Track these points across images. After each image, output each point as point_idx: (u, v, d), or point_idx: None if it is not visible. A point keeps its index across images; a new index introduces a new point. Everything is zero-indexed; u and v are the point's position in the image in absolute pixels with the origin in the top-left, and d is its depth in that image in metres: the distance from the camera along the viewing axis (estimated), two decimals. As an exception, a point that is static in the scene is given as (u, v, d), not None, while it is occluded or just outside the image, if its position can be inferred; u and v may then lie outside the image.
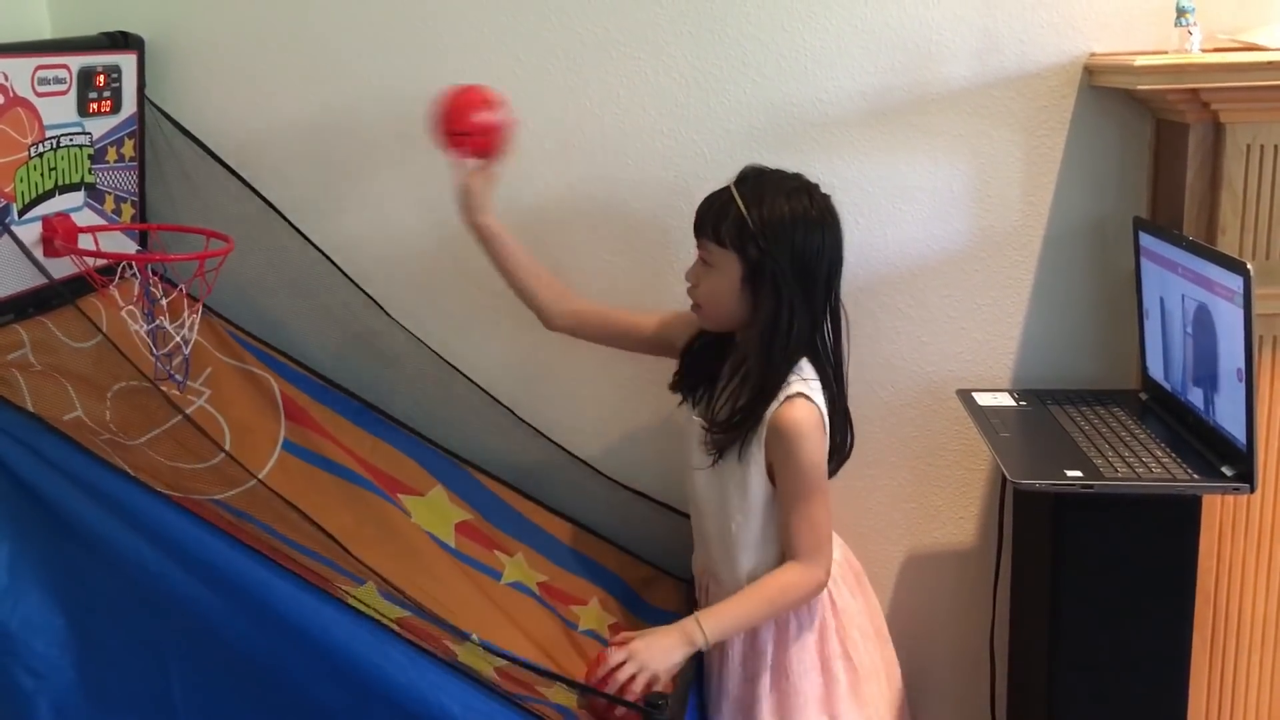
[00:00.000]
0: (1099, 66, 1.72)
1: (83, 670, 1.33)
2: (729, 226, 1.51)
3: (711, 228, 1.53)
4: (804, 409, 1.49)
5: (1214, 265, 1.46)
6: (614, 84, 1.80)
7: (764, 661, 1.56)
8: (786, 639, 1.56)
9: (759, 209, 1.50)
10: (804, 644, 1.56)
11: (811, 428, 1.50)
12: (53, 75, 1.55)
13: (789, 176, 1.55)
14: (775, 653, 1.56)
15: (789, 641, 1.56)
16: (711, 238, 1.53)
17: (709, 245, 1.54)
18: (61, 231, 1.57)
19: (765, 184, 1.53)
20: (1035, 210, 1.79)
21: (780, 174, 1.55)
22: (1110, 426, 1.62)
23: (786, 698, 1.55)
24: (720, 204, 1.53)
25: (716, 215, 1.52)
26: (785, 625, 1.56)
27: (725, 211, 1.52)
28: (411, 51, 1.81)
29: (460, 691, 1.27)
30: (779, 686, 1.56)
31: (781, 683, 1.56)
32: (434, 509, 1.71)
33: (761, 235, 1.49)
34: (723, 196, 1.54)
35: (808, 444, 1.49)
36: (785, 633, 1.56)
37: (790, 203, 1.51)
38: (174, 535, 1.29)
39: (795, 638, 1.56)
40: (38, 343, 1.47)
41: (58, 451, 1.31)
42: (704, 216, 1.55)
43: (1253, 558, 1.67)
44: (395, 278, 1.86)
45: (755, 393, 1.51)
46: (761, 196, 1.51)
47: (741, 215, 1.50)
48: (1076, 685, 1.57)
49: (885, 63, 1.76)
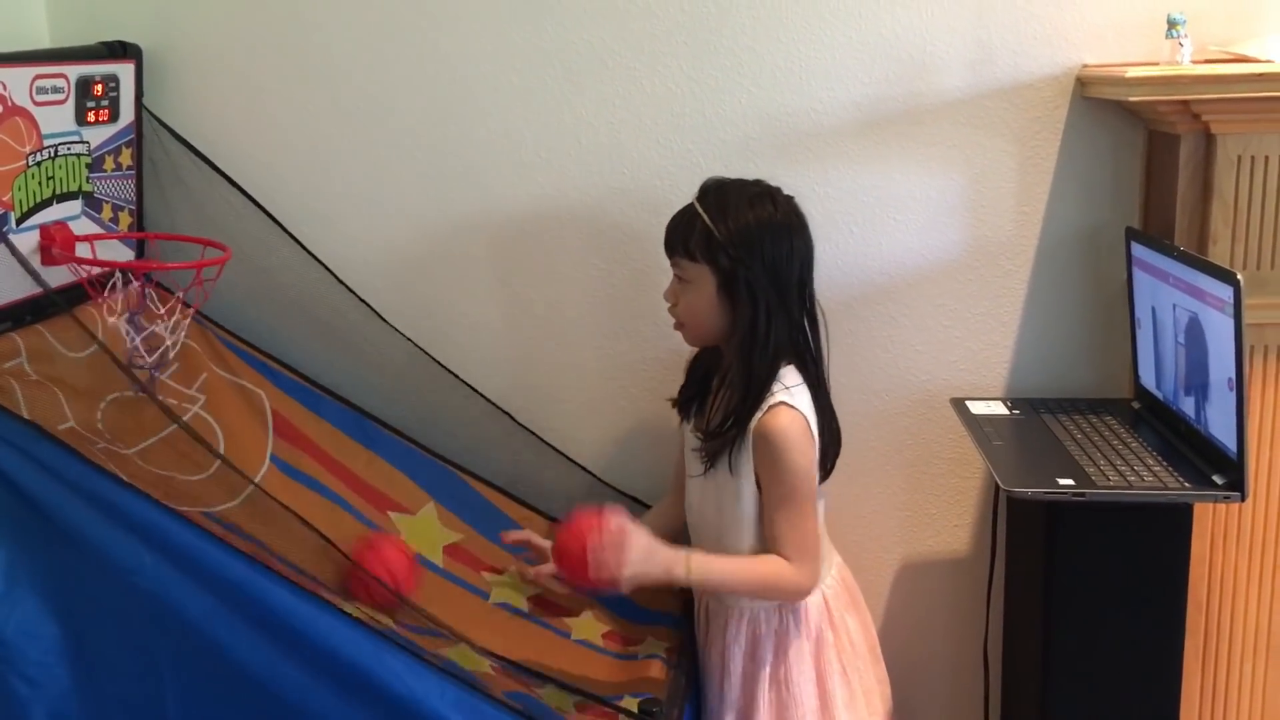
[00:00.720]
0: (1091, 78, 1.73)
1: (78, 678, 1.32)
2: (697, 240, 1.52)
3: (681, 244, 1.54)
4: (788, 416, 1.50)
5: (1205, 275, 1.47)
6: (610, 94, 1.80)
7: (764, 672, 1.57)
8: (786, 649, 1.57)
9: (724, 220, 1.51)
10: (803, 655, 1.57)
11: (796, 435, 1.50)
12: (51, 84, 1.55)
13: (750, 183, 1.56)
14: (774, 663, 1.57)
15: (788, 651, 1.57)
16: (683, 254, 1.54)
17: (681, 262, 1.55)
18: (59, 240, 1.57)
19: (728, 194, 1.54)
20: (1028, 220, 1.80)
21: (741, 182, 1.56)
22: (1103, 435, 1.63)
23: (785, 709, 1.56)
24: (686, 220, 1.55)
25: (684, 231, 1.54)
26: (785, 635, 1.57)
27: (692, 226, 1.53)
28: (409, 62, 1.82)
29: (457, 697, 1.27)
30: (778, 697, 1.57)
31: (780, 693, 1.57)
32: (424, 530, 1.71)
33: (730, 244, 1.50)
34: (687, 213, 1.55)
35: (793, 450, 1.50)
36: (785, 642, 1.57)
37: (755, 210, 1.52)
38: (171, 543, 1.29)
39: (795, 649, 1.57)
40: (34, 351, 1.47)
41: (54, 459, 1.31)
42: (672, 235, 1.56)
43: (1244, 566, 1.68)
44: (393, 286, 1.86)
45: (740, 400, 1.53)
46: (725, 207, 1.52)
47: (708, 228, 1.51)
48: (1070, 692, 1.57)
49: (879, 73, 1.77)
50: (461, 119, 1.83)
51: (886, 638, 1.75)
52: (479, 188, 1.84)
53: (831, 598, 1.60)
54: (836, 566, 1.65)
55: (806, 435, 1.52)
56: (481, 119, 1.82)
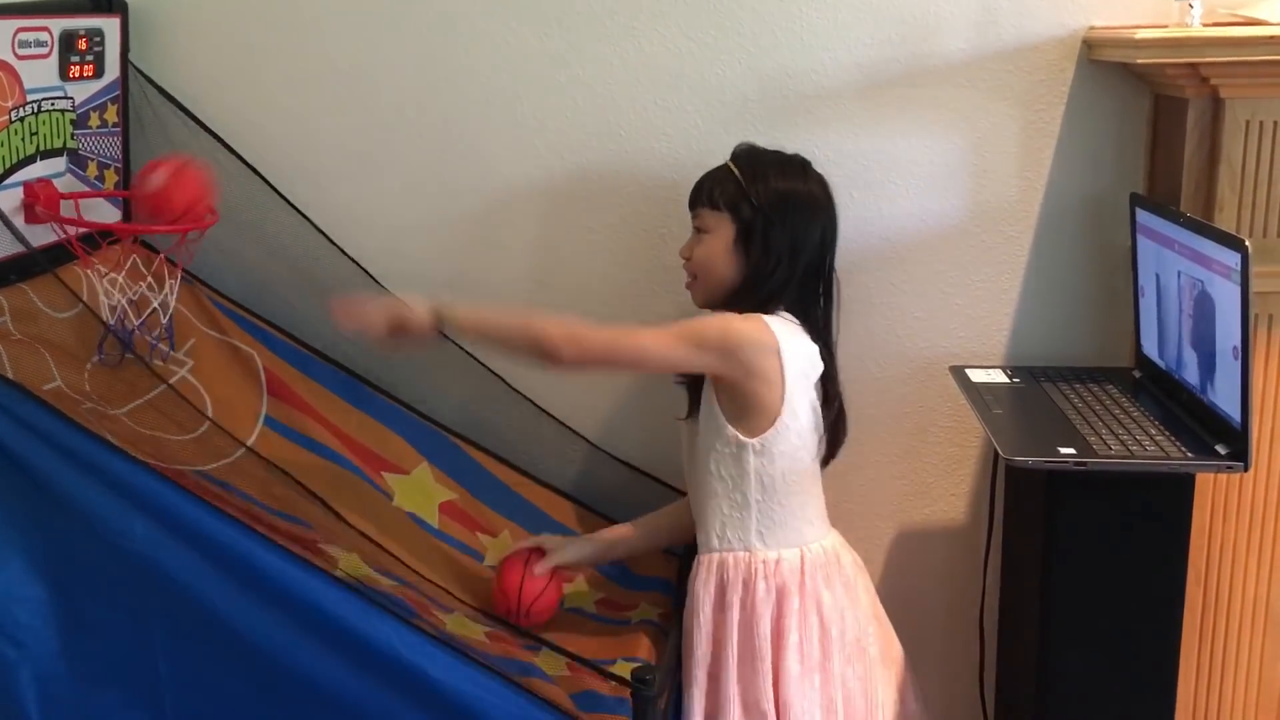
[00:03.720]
0: (1098, 40, 1.70)
1: (66, 640, 1.32)
2: (724, 190, 1.55)
3: (707, 195, 1.57)
4: (751, 318, 1.49)
5: (1211, 242, 1.45)
6: (608, 55, 1.78)
7: (731, 616, 1.51)
8: (753, 597, 1.51)
9: (756, 182, 1.54)
10: (768, 605, 1.50)
11: (740, 320, 1.49)
12: (33, 38, 1.52)
13: (785, 155, 1.59)
14: (741, 611, 1.51)
15: (755, 600, 1.51)
16: (706, 203, 1.56)
17: (703, 212, 1.57)
18: (43, 198, 1.54)
19: (762, 159, 1.57)
20: (1031, 185, 1.78)
21: (777, 153, 1.59)
22: (1104, 404, 1.62)
23: (753, 661, 1.50)
24: (717, 175, 1.58)
25: (712, 184, 1.57)
26: (752, 582, 1.51)
27: (722, 181, 1.56)
28: (404, 20, 1.78)
29: (447, 661, 1.26)
30: (746, 650, 1.51)
31: (749, 643, 1.51)
32: (418, 488, 1.70)
33: (755, 196, 1.52)
34: (720, 170, 1.58)
35: (722, 318, 1.49)
36: (751, 590, 1.51)
37: (787, 178, 1.55)
38: (159, 504, 1.28)
39: (760, 597, 1.51)
40: (18, 311, 1.45)
41: (41, 419, 1.30)
42: (699, 188, 1.59)
43: (1244, 538, 1.67)
44: (385, 247, 1.84)
45: None
46: (758, 170, 1.55)
47: (737, 179, 1.54)
48: (1066, 662, 1.56)
49: (882, 35, 1.75)
50: (455, 79, 1.80)
51: (883, 604, 1.73)
52: (473, 149, 1.82)
53: (810, 564, 1.53)
54: (832, 545, 1.58)
55: (750, 336, 1.48)
56: (476, 79, 1.79)
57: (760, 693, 1.50)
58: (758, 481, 1.52)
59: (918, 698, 1.66)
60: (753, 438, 1.51)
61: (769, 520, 1.53)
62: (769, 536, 1.54)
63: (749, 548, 1.53)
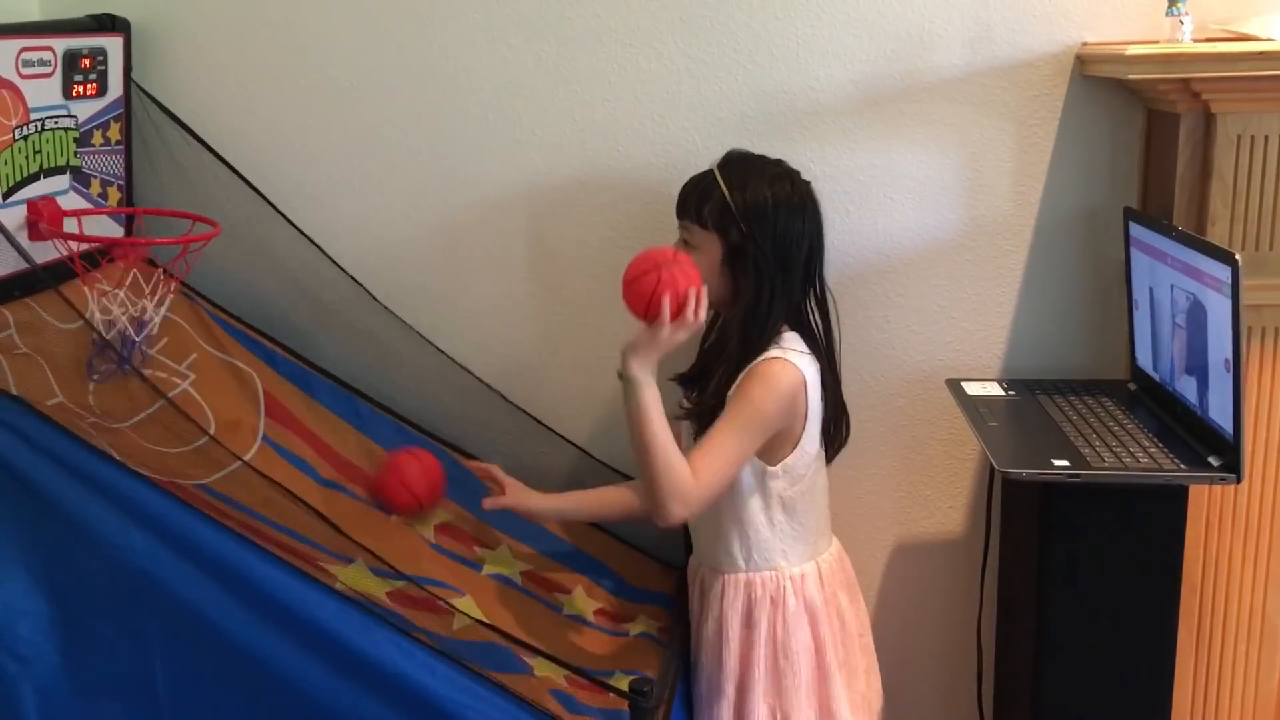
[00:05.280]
0: (1091, 55, 1.71)
1: (67, 655, 1.33)
2: (711, 208, 1.53)
3: (694, 209, 1.55)
4: (780, 364, 1.50)
5: (1203, 256, 1.46)
6: (606, 70, 1.79)
7: (759, 636, 1.55)
8: (783, 615, 1.55)
9: (742, 193, 1.52)
10: (800, 622, 1.55)
11: (778, 376, 1.49)
12: (37, 57, 1.54)
13: (771, 162, 1.57)
14: (769, 629, 1.55)
15: (786, 618, 1.55)
16: (694, 219, 1.55)
17: (691, 226, 1.56)
18: (47, 215, 1.56)
19: (748, 168, 1.55)
20: (1026, 200, 1.79)
21: (763, 159, 1.58)
22: (1098, 416, 1.62)
23: (782, 676, 1.55)
24: (704, 186, 1.55)
25: (699, 197, 1.54)
26: (781, 601, 1.55)
27: (708, 194, 1.54)
28: (403, 38, 1.80)
29: (448, 674, 1.27)
30: (775, 664, 1.55)
31: (778, 660, 1.55)
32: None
33: (743, 218, 1.51)
34: (706, 179, 1.56)
35: (764, 386, 1.49)
36: (781, 608, 1.55)
37: (772, 188, 1.53)
38: (159, 518, 1.29)
39: (792, 615, 1.55)
40: (23, 324, 1.46)
41: (42, 434, 1.31)
42: (687, 198, 1.57)
43: (1239, 549, 1.68)
44: (386, 264, 1.85)
45: (735, 364, 1.52)
46: (745, 180, 1.53)
47: (724, 197, 1.52)
48: (1063, 673, 1.57)
49: (877, 51, 1.76)
50: (454, 96, 1.81)
51: (880, 618, 1.75)
52: (472, 165, 1.83)
53: (826, 573, 1.60)
54: (836, 549, 1.65)
55: (791, 385, 1.50)
56: (475, 95, 1.81)
57: (792, 705, 1.54)
58: (780, 503, 1.55)
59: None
60: (775, 464, 1.53)
61: (790, 538, 1.57)
62: (791, 554, 1.57)
63: (774, 566, 1.57)
